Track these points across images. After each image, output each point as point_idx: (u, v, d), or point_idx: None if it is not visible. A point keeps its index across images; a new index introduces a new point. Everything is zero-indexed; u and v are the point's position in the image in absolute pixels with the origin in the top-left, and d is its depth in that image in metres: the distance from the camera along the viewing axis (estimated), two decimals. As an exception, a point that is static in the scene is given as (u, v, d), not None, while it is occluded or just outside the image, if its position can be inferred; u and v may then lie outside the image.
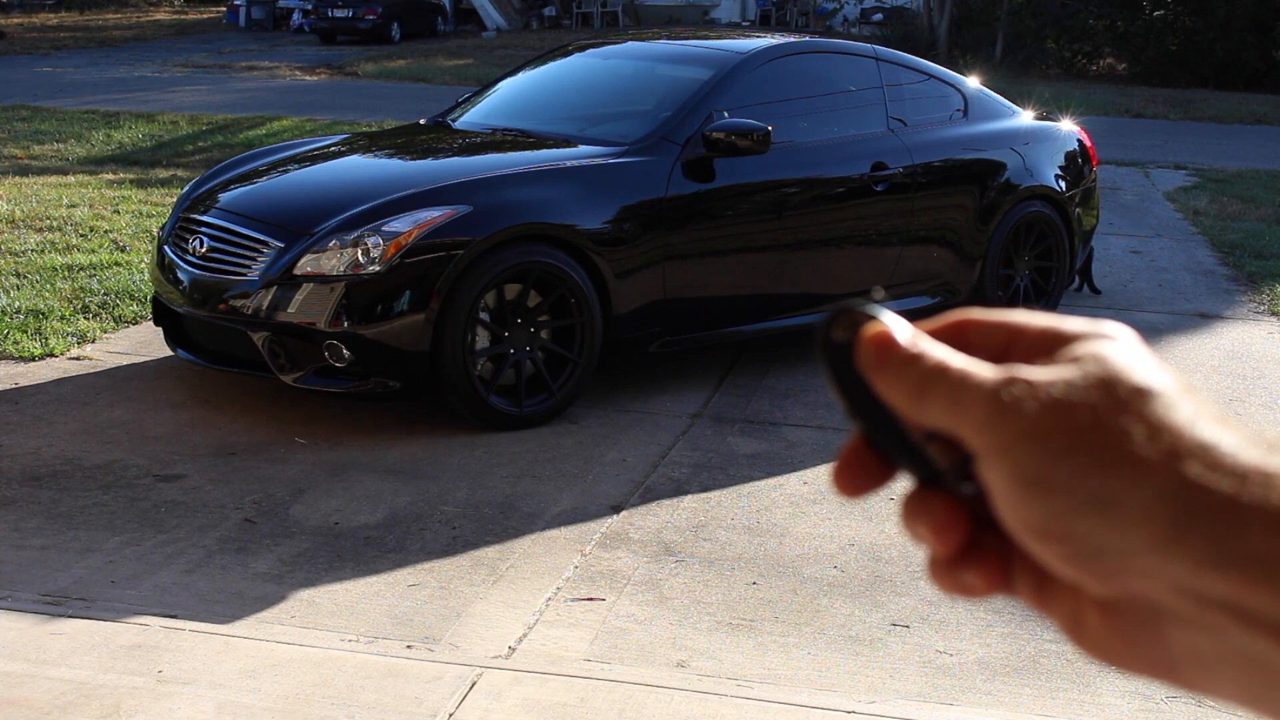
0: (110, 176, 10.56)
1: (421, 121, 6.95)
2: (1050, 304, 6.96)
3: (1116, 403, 0.47)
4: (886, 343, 0.51)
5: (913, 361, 0.50)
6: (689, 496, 4.63)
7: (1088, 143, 7.35)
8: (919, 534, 0.51)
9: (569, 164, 5.57)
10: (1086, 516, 0.46)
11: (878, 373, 0.50)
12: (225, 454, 4.87)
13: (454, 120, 6.62)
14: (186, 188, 6.09)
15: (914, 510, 0.51)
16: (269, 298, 5.06)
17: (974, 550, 0.51)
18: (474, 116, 6.59)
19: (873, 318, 0.51)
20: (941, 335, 0.52)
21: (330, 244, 5.06)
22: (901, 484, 0.52)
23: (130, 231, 8.30)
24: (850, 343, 0.51)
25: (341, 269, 5.01)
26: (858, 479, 0.52)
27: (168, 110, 15.31)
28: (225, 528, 4.24)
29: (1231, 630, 0.45)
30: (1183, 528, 0.45)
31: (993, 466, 0.48)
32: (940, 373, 0.49)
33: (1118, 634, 0.48)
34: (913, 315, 0.55)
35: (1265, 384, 6.24)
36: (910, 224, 6.40)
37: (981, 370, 0.49)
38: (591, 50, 7.02)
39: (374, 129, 9.97)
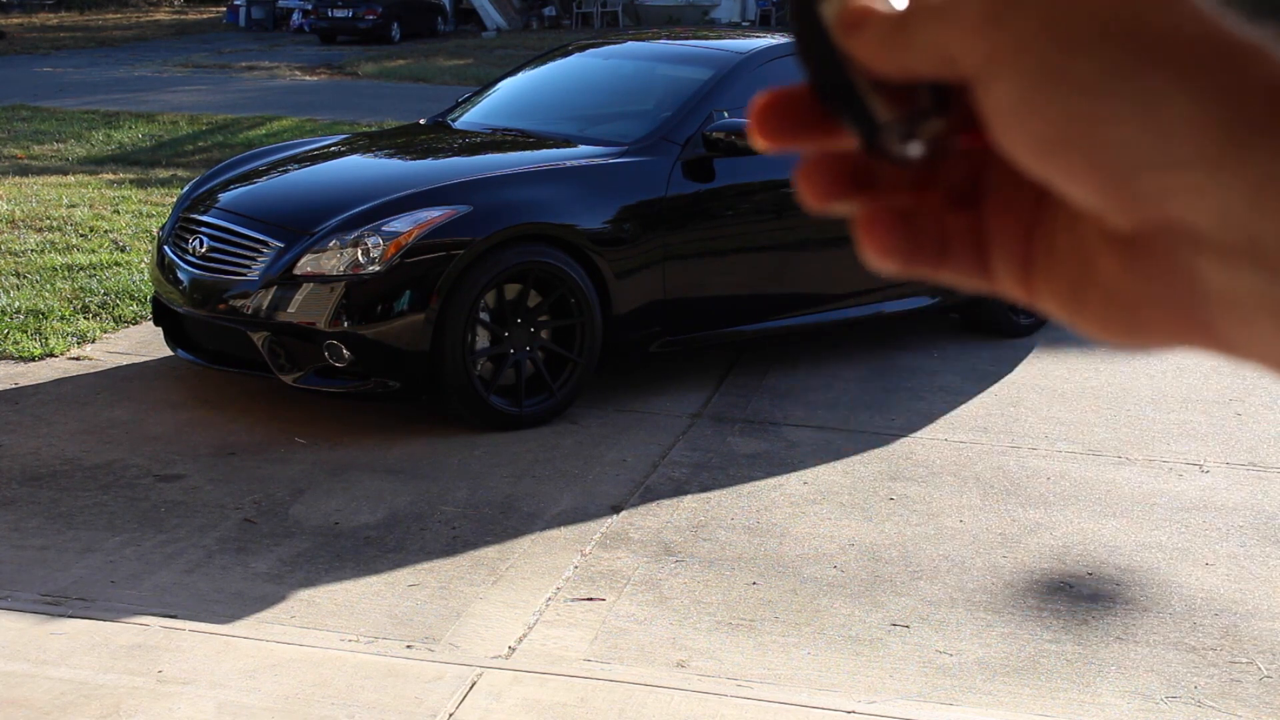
0: (110, 176, 10.56)
1: (421, 121, 6.96)
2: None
3: None
4: (867, 15, 0.42)
5: (893, 18, 0.42)
6: (689, 496, 4.63)
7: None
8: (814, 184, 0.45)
9: (569, 164, 5.58)
10: (1122, 122, 0.38)
11: (853, 37, 0.43)
12: (225, 454, 4.87)
13: (454, 120, 6.62)
14: (186, 188, 6.09)
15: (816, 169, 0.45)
16: (269, 298, 5.06)
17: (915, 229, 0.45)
18: (474, 116, 6.59)
19: None
20: None
21: (330, 244, 5.06)
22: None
23: (130, 231, 8.30)
24: None
25: (341, 269, 5.01)
26: (788, 121, 0.45)
27: (168, 110, 15.31)
28: (225, 528, 4.24)
29: None
30: (1241, 139, 0.37)
31: (997, 75, 0.40)
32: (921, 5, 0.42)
33: (1140, 276, 0.41)
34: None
35: (1265, 384, 6.23)
36: (910, 224, 6.39)
37: None
38: (591, 50, 7.02)
39: (374, 129, 9.97)
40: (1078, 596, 3.97)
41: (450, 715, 3.19)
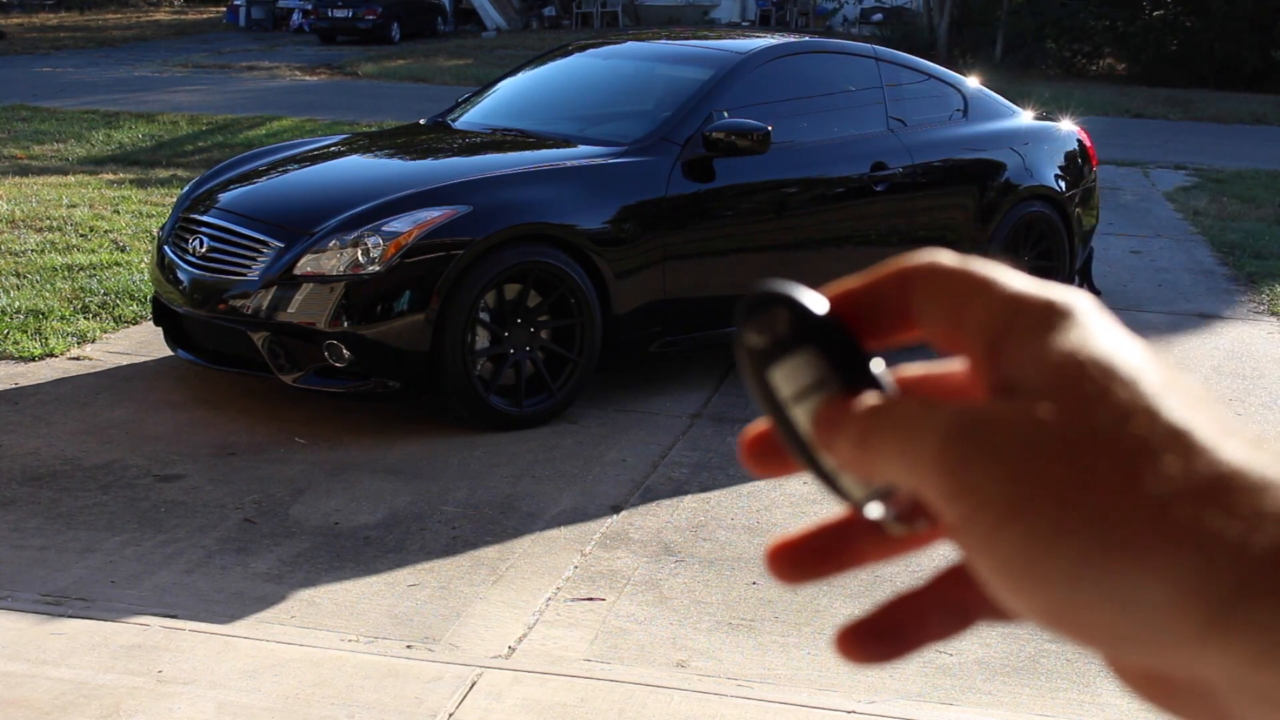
0: (110, 176, 10.56)
1: (421, 121, 6.96)
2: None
3: (1108, 447, 0.36)
4: (828, 421, 0.42)
5: (854, 421, 0.41)
6: (689, 496, 4.63)
7: (1087, 143, 7.35)
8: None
9: (569, 164, 5.58)
10: (1100, 610, 0.35)
11: (826, 443, 0.42)
12: (225, 454, 4.87)
13: (454, 120, 6.62)
14: (186, 188, 6.09)
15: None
16: (269, 298, 5.06)
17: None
18: (474, 116, 6.59)
19: (802, 316, 0.42)
20: (882, 289, 0.42)
21: (330, 244, 5.06)
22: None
23: (130, 231, 8.30)
24: (766, 349, 0.43)
25: (341, 269, 5.01)
26: (778, 459, 0.45)
27: (168, 110, 15.31)
28: (225, 528, 4.24)
29: None
30: (1226, 615, 0.34)
31: (974, 552, 0.38)
32: (881, 416, 0.40)
33: (1168, 700, 0.38)
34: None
35: (1265, 384, 6.24)
36: (910, 224, 6.40)
37: (934, 418, 0.39)
38: (591, 50, 7.02)
39: (374, 129, 9.97)
40: (1078, 596, 3.97)
41: (450, 715, 3.19)
